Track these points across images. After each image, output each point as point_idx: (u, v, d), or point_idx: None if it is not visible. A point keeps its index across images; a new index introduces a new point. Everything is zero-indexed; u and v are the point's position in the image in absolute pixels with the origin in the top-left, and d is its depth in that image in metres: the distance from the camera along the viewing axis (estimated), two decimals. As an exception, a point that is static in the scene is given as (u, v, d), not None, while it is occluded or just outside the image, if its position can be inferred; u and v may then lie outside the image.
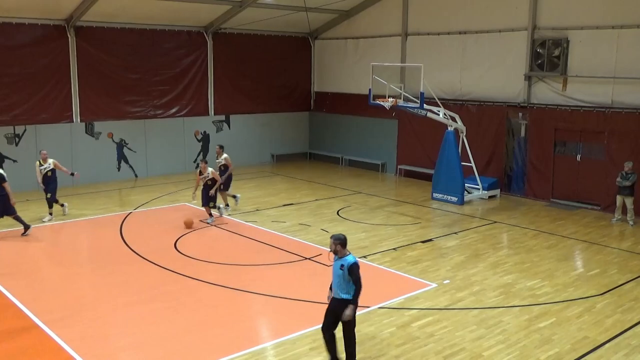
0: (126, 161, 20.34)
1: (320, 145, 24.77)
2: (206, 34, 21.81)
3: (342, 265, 7.33)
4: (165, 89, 21.11)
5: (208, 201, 14.67)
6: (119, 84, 20.02)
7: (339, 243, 7.40)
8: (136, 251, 12.39)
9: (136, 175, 20.52)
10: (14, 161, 17.95)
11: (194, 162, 21.87)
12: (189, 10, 19.69)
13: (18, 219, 13.40)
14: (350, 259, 7.36)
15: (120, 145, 20.16)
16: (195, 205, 16.46)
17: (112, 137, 19.97)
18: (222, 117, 22.67)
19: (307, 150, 25.16)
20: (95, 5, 17.64)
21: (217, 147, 16.31)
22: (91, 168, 19.49)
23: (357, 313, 9.25)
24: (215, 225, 14.45)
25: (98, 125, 19.70)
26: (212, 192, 14.60)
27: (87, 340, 8.38)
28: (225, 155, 15.92)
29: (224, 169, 15.79)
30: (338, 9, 22.12)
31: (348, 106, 23.16)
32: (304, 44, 24.65)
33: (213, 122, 22.42)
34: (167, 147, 21.26)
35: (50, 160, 14.91)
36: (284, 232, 13.93)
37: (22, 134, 18.23)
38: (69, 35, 18.84)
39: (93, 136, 19.63)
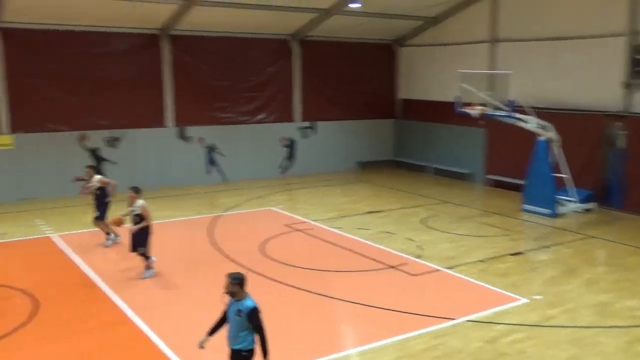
0: (216, 165, 20.95)
1: (405, 153, 24.53)
2: (293, 41, 22.16)
3: (239, 311, 6.14)
4: (253, 96, 21.63)
5: (137, 245, 11.08)
6: (210, 91, 20.72)
7: (238, 283, 6.20)
8: (223, 253, 12.70)
9: (225, 179, 21.09)
10: (114, 163, 18.89)
11: (279, 167, 22.23)
12: (276, 18, 20.07)
13: None
14: (248, 303, 6.17)
15: (210, 150, 20.79)
16: (281, 210, 16.71)
17: (202, 142, 20.63)
18: (308, 124, 22.92)
19: (393, 158, 24.96)
20: (188, 15, 18.38)
21: (87, 168, 13.43)
22: (183, 171, 20.24)
23: (443, 325, 9.11)
24: (302, 231, 14.59)
25: (190, 130, 20.45)
26: (134, 229, 11.07)
27: (177, 334, 8.64)
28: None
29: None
30: (424, 16, 21.86)
31: (434, 114, 22.80)
32: (389, 51, 24.53)
33: (298, 128, 22.70)
34: (254, 152, 21.75)
35: None
36: (368, 240, 13.87)
37: (120, 138, 19.18)
38: (163, 43, 19.69)
39: (185, 140, 20.39)
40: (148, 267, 11.23)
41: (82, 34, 18.39)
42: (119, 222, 11.50)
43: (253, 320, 6.11)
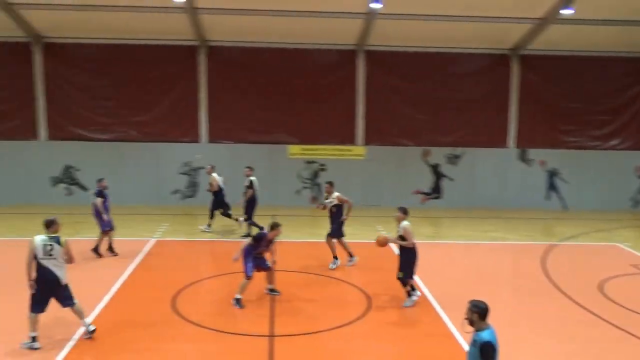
0: (556, 191, 19.78)
1: None
2: (659, 59, 19.62)
3: (474, 342, 5.65)
4: (606, 120, 19.89)
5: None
6: (558, 113, 19.73)
7: (476, 312, 5.71)
8: (556, 285, 11.81)
9: (566, 207, 19.75)
10: (451, 180, 19.33)
11: (631, 200, 19.89)
12: (634, 34, 17.97)
13: None
14: (485, 335, 5.60)
15: (552, 174, 19.73)
16: (628, 247, 14.87)
17: (544, 165, 19.70)
18: (672, 154, 19.99)
19: None
20: (542, 35, 17.75)
21: (327, 184, 13.04)
22: (520, 193, 19.65)
23: None
24: None
25: (531, 152, 19.74)
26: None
27: None
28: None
29: (335, 210, 12.66)
30: None
31: None
32: None
33: (659, 158, 19.98)
34: (602, 181, 19.90)
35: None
36: None
37: (461, 156, 19.55)
38: (513, 63, 19.41)
39: (526, 163, 19.74)
40: (409, 295, 10.38)
41: (436, 55, 19.32)
42: (383, 243, 10.49)
43: (483, 355, 5.59)
